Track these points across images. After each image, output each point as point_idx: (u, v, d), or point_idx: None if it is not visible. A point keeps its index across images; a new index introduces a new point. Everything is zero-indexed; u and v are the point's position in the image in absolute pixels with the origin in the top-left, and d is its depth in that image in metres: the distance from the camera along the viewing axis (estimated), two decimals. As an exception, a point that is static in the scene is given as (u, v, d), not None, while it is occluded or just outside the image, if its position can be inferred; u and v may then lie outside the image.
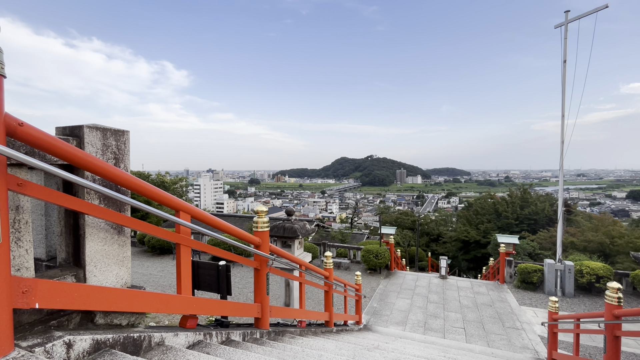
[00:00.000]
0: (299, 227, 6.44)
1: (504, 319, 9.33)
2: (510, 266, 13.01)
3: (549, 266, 11.56)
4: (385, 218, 37.27)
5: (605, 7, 10.57)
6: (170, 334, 2.15)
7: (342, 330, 6.40)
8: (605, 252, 16.94)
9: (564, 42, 11.21)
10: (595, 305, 10.45)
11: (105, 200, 2.03)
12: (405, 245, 27.63)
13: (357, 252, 15.52)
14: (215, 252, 2.90)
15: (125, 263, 2.19)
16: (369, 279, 13.10)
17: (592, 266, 11.25)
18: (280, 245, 6.61)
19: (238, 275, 13.15)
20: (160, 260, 15.86)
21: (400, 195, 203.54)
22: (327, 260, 6.15)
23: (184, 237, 2.38)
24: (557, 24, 11.44)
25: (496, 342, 7.87)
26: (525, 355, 7.09)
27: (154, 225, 2.23)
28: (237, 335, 2.96)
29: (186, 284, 2.40)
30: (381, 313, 9.62)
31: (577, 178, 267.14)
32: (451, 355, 5.05)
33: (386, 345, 5.02)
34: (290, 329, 4.30)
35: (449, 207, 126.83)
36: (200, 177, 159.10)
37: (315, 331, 5.05)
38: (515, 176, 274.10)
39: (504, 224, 25.50)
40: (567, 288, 11.26)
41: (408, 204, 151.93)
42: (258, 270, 3.44)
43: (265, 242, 3.45)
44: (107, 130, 2.07)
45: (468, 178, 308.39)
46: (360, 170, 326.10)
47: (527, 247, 17.18)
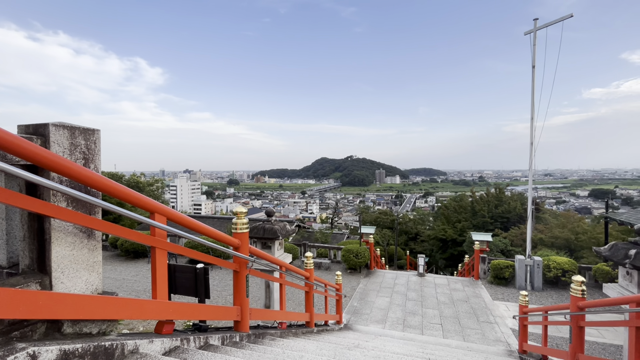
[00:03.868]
0: (279, 228, 6.39)
1: (479, 313, 9.68)
2: (484, 263, 13.52)
3: (519, 262, 12.11)
4: (365, 218, 37.72)
5: (570, 17, 11.20)
6: (145, 341, 2.07)
7: (323, 331, 6.41)
8: (571, 248, 17.95)
9: (533, 48, 11.78)
10: (561, 297, 11.04)
11: (74, 203, 1.93)
12: (384, 245, 28.08)
13: (338, 252, 15.60)
14: (192, 255, 2.82)
15: (95, 268, 2.09)
16: (349, 279, 13.20)
17: (559, 261, 11.89)
18: (260, 246, 6.53)
19: (217, 278, 12.88)
20: (134, 265, 15.27)
21: (380, 195, 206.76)
22: (308, 260, 6.14)
23: (159, 240, 2.30)
24: (526, 31, 12.00)
25: (471, 336, 8.15)
26: (498, 347, 7.39)
27: (128, 228, 2.14)
28: (215, 339, 2.90)
29: (162, 288, 2.32)
30: (361, 312, 9.72)
31: (545, 178, 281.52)
32: (429, 351, 5.17)
33: (366, 343, 5.07)
34: (271, 331, 4.25)
35: (426, 206, 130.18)
36: (176, 177, 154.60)
37: (296, 332, 5.03)
38: (488, 176, 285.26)
39: (480, 222, 26.45)
40: (536, 282, 11.83)
41: (387, 203, 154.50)
42: (237, 272, 3.39)
43: (244, 244, 3.40)
44: (75, 129, 1.97)
45: (444, 178, 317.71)
46: (340, 170, 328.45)
47: (499, 244, 17.92)
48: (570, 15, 11.19)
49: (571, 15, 11.19)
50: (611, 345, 7.74)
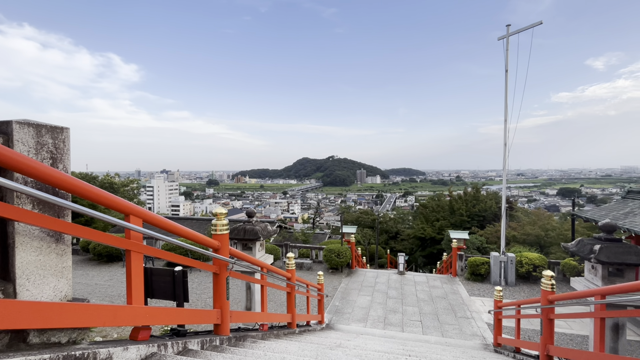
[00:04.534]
0: (260, 229, 6.32)
1: (456, 309, 9.97)
2: (462, 260, 13.94)
3: (494, 258, 12.57)
4: (346, 217, 38.01)
5: (540, 24, 11.74)
6: (119, 349, 1.99)
7: (304, 331, 6.39)
8: (541, 244, 18.83)
9: (506, 53, 12.27)
10: (533, 292, 11.56)
11: (40, 205, 1.82)
12: (365, 244, 28.39)
13: (319, 252, 15.62)
14: (170, 258, 2.74)
15: (65, 274, 1.98)
16: (331, 278, 13.24)
17: (530, 257, 12.45)
18: (241, 248, 6.43)
19: (196, 281, 12.58)
20: (107, 269, 14.66)
21: (361, 194, 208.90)
22: (289, 261, 6.11)
23: (134, 242, 2.21)
24: (500, 37, 12.48)
25: (449, 331, 8.38)
26: (475, 342, 7.63)
27: (100, 231, 2.04)
28: (195, 344, 2.82)
29: (137, 293, 2.23)
30: (343, 311, 9.78)
31: (517, 177, 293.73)
32: (409, 348, 5.27)
33: (348, 342, 5.10)
34: (252, 333, 4.20)
35: (406, 205, 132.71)
36: (153, 178, 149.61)
37: (277, 334, 4.99)
38: (465, 176, 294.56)
39: (458, 221, 27.24)
40: (509, 278, 12.32)
41: (368, 203, 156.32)
42: (217, 274, 3.32)
43: (224, 246, 3.34)
44: (41, 127, 1.86)
45: (423, 178, 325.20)
46: (321, 170, 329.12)
47: (476, 241, 18.54)
48: (540, 22, 11.73)
49: (541, 23, 11.74)
50: (578, 336, 8.18)
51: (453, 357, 4.75)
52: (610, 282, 4.58)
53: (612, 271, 4.61)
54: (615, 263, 4.42)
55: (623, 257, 4.38)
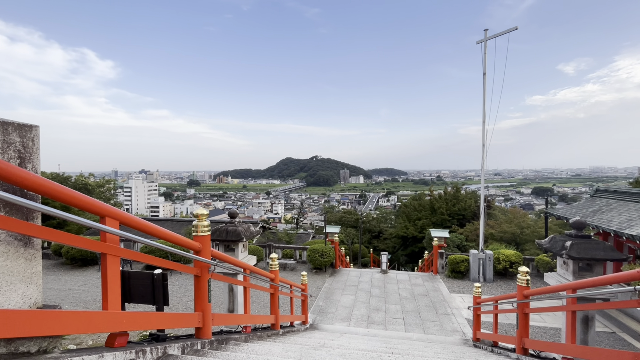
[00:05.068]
0: (243, 230, 6.23)
1: (437, 306, 10.19)
2: (442, 258, 14.27)
3: (473, 256, 12.94)
4: (330, 217, 38.14)
5: (515, 29, 12.19)
6: (94, 357, 1.91)
7: (288, 332, 6.36)
8: (517, 241, 19.53)
9: (484, 57, 12.66)
10: (509, 287, 11.98)
11: (7, 207, 1.72)
12: (349, 243, 28.57)
13: (303, 252, 15.59)
14: (149, 261, 2.66)
15: (34, 280, 1.88)
16: (314, 278, 13.25)
17: (507, 254, 12.90)
18: (223, 249, 6.33)
19: (176, 284, 12.27)
20: (82, 273, 14.07)
21: (344, 194, 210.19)
22: (273, 262, 6.06)
23: (110, 245, 2.13)
24: (478, 40, 12.87)
25: (431, 328, 8.56)
26: (455, 337, 7.83)
27: (74, 234, 1.95)
28: (175, 348, 2.75)
29: (114, 297, 2.15)
30: (327, 311, 9.80)
31: (495, 177, 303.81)
32: (392, 346, 5.34)
33: (332, 342, 5.11)
34: (235, 336, 4.13)
35: (388, 205, 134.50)
36: (131, 178, 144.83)
37: (261, 335, 4.93)
38: (445, 175, 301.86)
39: (439, 220, 27.83)
40: (487, 274, 12.72)
41: (351, 203, 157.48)
42: (198, 277, 3.25)
43: (206, 247, 3.27)
44: (8, 125, 1.76)
45: (405, 177, 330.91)
46: (305, 170, 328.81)
47: (456, 239, 19.02)
48: (515, 27, 12.18)
49: (516, 28, 12.19)
50: (551, 329, 8.55)
51: (434, 353, 4.85)
52: (580, 276, 4.81)
53: (582, 266, 4.85)
54: (585, 258, 4.65)
55: (592, 253, 4.61)
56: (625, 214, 12.09)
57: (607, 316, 9.28)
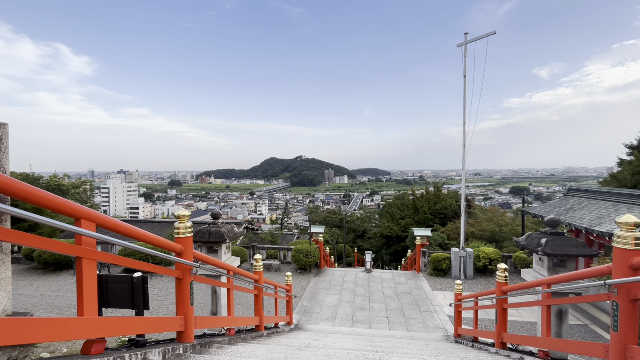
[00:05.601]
0: (226, 231, 6.14)
1: (420, 304, 10.38)
2: (425, 256, 14.55)
3: (454, 254, 13.26)
4: (314, 217, 38.16)
5: (493, 33, 12.57)
6: (69, 365, 1.83)
7: (273, 333, 6.32)
8: (496, 239, 20.16)
9: (464, 59, 13.00)
10: (489, 284, 12.35)
11: (-27, 210, 1.62)
12: (333, 243, 28.67)
13: (288, 252, 15.52)
14: (128, 264, 2.58)
15: (3, 286, 1.78)
16: (299, 279, 13.21)
17: (486, 251, 13.29)
18: (206, 250, 6.21)
19: (157, 287, 11.95)
20: (56, 278, 13.47)
21: (329, 194, 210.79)
22: (257, 263, 6.01)
23: (86, 249, 2.04)
24: (458, 44, 13.19)
25: (414, 325, 8.71)
26: (437, 334, 8.00)
27: (47, 237, 1.87)
28: (155, 354, 2.68)
29: (90, 302, 2.07)
30: (312, 311, 9.79)
31: (475, 177, 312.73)
32: (376, 344, 5.40)
33: (317, 342, 5.12)
34: (218, 339, 4.06)
35: (372, 204, 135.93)
36: (109, 179, 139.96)
37: (245, 337, 4.88)
38: (427, 175, 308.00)
39: (421, 219, 28.35)
40: (468, 272, 13.07)
41: (336, 203, 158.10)
42: (180, 279, 3.17)
43: (188, 249, 3.20)
44: (-26, 122, 1.66)
45: (388, 177, 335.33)
46: (289, 170, 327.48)
47: (437, 238, 19.43)
48: (493, 32, 12.57)
49: (494, 32, 12.58)
50: (528, 323, 8.87)
51: (417, 350, 4.94)
52: (554, 272, 5.01)
53: (556, 262, 5.05)
54: (559, 255, 4.85)
55: (565, 249, 4.81)
56: (596, 211, 12.69)
57: (580, 309, 9.72)
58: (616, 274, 2.53)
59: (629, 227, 2.49)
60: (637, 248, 2.45)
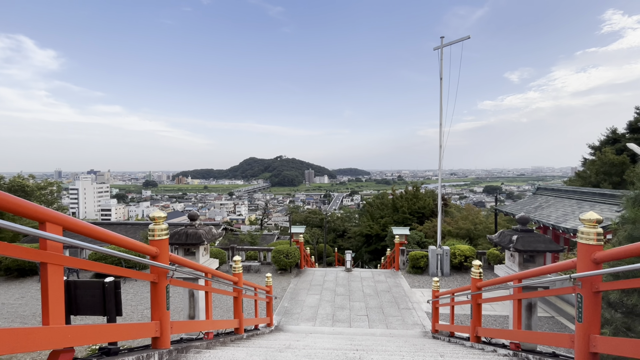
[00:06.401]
0: (204, 232, 6.00)
1: (399, 301, 10.58)
2: (404, 254, 14.84)
3: (431, 252, 13.61)
4: (295, 218, 38.03)
5: (468, 38, 13.01)
6: (33, 377, 1.72)
7: (253, 335, 6.24)
8: (471, 236, 20.88)
9: (440, 62, 13.37)
10: (464, 280, 12.77)
11: None
12: (314, 243, 28.71)
13: (268, 253, 15.38)
14: (99, 269, 2.46)
15: (-43, 295, 1.65)
16: (279, 279, 13.12)
17: (462, 249, 13.74)
18: (183, 253, 6.04)
19: (131, 292, 11.50)
20: (19, 285, 12.67)
21: (309, 194, 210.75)
22: (236, 264, 5.91)
23: (52, 254, 1.93)
24: (435, 47, 13.55)
25: (393, 323, 8.86)
26: (416, 330, 8.18)
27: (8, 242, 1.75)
28: (129, 361, 2.57)
29: (57, 310, 1.95)
30: (292, 312, 9.75)
31: (451, 176, 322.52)
32: (357, 342, 5.45)
33: (297, 343, 5.10)
34: (196, 343, 3.96)
35: (352, 204, 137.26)
36: (78, 179, 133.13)
37: (224, 341, 4.78)
38: (405, 175, 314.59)
39: (400, 218, 28.91)
40: (445, 269, 13.45)
41: (316, 203, 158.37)
42: (156, 283, 3.07)
43: (164, 252, 3.10)
44: None
45: (368, 177, 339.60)
46: (269, 170, 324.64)
47: (416, 236, 19.88)
48: (468, 37, 13.00)
49: (469, 37, 13.02)
50: (500, 316, 9.24)
51: (397, 346, 5.02)
52: (525, 267, 5.24)
53: (526, 258, 5.29)
54: (529, 251, 5.08)
55: (534, 245, 5.06)
56: (562, 209, 13.40)
57: (547, 302, 10.24)
58: (580, 268, 2.67)
59: (592, 223, 2.64)
60: (599, 243, 2.61)
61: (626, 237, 4.44)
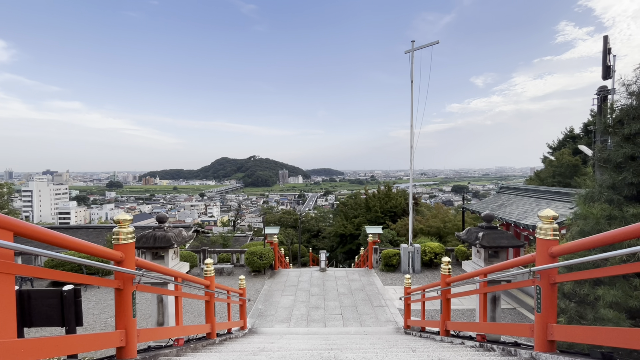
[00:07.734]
0: (174, 235, 5.77)
1: (373, 299, 10.77)
2: (377, 253, 15.13)
3: (403, 249, 13.99)
4: (269, 218, 37.64)
5: (437, 43, 13.50)
6: (-21, 398, 1.57)
7: (226, 339, 6.09)
8: (441, 234, 21.68)
9: (411, 65, 13.77)
10: (434, 277, 13.24)
11: None
12: (288, 243, 28.56)
13: (241, 255, 15.09)
14: (56, 276, 2.29)
15: None
16: (253, 281, 12.92)
17: (432, 246, 14.23)
18: (151, 257, 5.78)
19: (93, 300, 10.83)
20: (-37, 296, 11.52)
21: (283, 195, 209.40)
22: (208, 268, 5.74)
23: (1, 262, 1.77)
24: (406, 50, 13.94)
25: (367, 320, 9.00)
26: (389, 327, 8.37)
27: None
28: (91, 374, 2.41)
29: (7, 323, 1.79)
30: (266, 314, 9.63)
31: (421, 176, 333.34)
32: (331, 342, 5.48)
33: (272, 345, 5.04)
34: (165, 351, 3.80)
35: (327, 204, 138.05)
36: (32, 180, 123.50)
37: (195, 347, 4.62)
38: (378, 175, 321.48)
39: (373, 217, 29.44)
40: (416, 266, 13.87)
41: (290, 203, 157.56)
42: (121, 290, 2.90)
43: (129, 257, 2.94)
44: None
45: (342, 177, 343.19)
46: (242, 170, 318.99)
47: (388, 235, 20.34)
48: (437, 42, 13.50)
49: (437, 42, 13.52)
50: (468, 310, 9.68)
51: (370, 344, 5.11)
52: (490, 262, 5.52)
53: (491, 253, 5.57)
54: (493, 247, 5.36)
55: (498, 241, 5.34)
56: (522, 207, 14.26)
57: (510, 295, 10.86)
58: (539, 262, 2.86)
59: (549, 220, 2.83)
60: (555, 238, 2.80)
61: (578, 232, 4.80)
